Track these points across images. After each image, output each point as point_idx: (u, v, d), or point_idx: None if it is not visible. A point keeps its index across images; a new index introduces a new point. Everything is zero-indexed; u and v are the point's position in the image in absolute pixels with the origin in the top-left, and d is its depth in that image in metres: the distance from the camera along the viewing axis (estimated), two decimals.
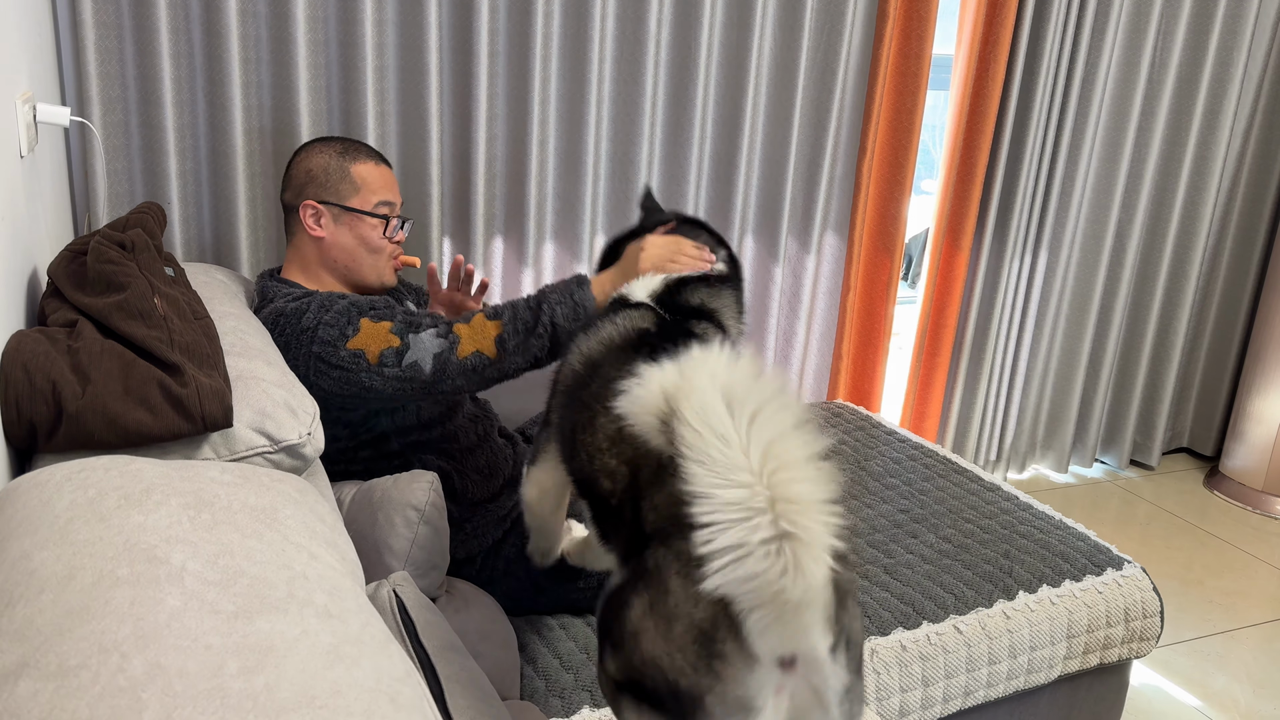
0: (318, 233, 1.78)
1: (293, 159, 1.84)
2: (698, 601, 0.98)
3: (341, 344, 1.58)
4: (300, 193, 1.79)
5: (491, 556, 1.76)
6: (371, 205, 1.80)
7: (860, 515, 2.17)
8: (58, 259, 1.42)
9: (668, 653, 1.00)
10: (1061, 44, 2.96)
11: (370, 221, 1.80)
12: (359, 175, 1.79)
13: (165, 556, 0.85)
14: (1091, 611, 1.96)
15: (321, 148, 1.81)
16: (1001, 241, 3.12)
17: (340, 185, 1.78)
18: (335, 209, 1.78)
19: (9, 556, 0.87)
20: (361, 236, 1.80)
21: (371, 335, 1.59)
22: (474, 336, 1.60)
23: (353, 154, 1.80)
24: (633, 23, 2.44)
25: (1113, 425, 3.65)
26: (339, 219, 1.78)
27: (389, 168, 1.86)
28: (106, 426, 1.15)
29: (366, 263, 1.81)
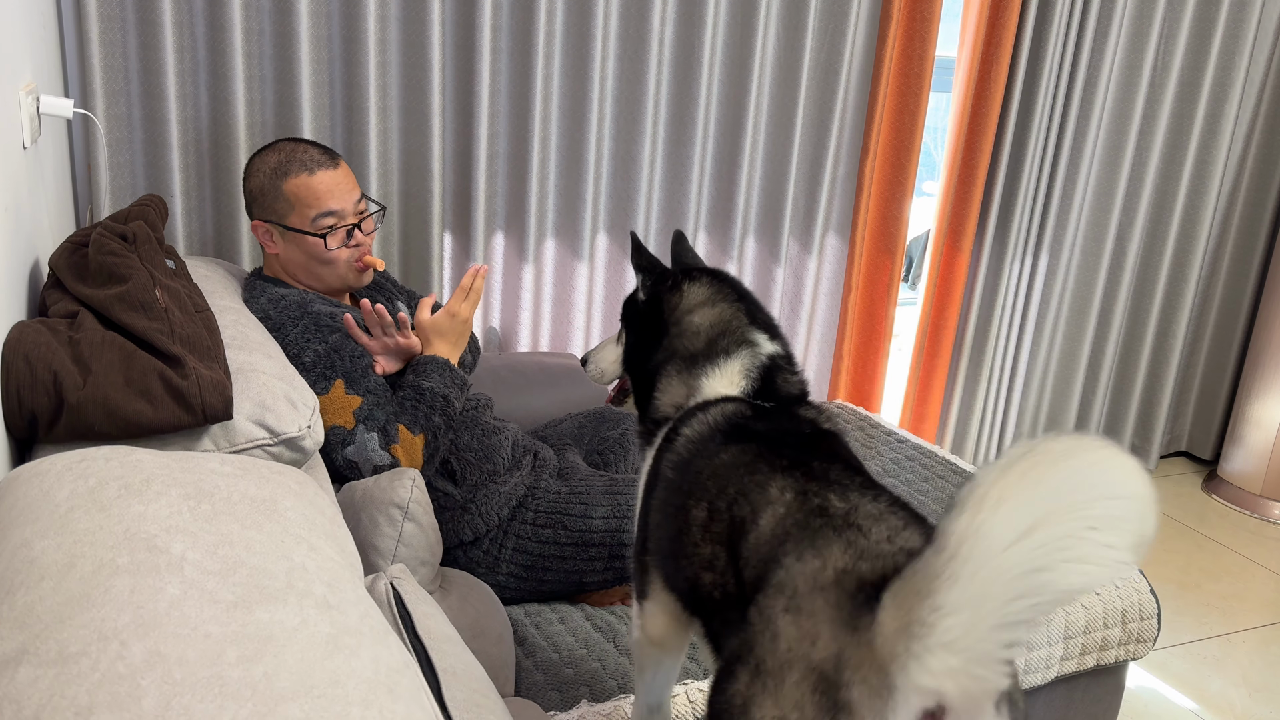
0: (273, 249, 1.83)
1: (245, 170, 1.85)
2: (815, 639, 0.82)
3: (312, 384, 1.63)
4: (252, 208, 1.84)
5: (500, 534, 1.77)
6: (309, 221, 1.78)
7: None
8: (59, 250, 1.42)
9: (781, 716, 0.82)
10: (1064, 47, 2.96)
11: (311, 239, 1.79)
12: (291, 194, 1.78)
13: (165, 546, 0.85)
14: (1088, 613, 1.96)
15: (259, 165, 1.81)
16: (1002, 243, 3.12)
17: (276, 205, 1.79)
18: (279, 228, 1.80)
19: (9, 545, 0.88)
20: (309, 252, 1.80)
21: (336, 405, 1.65)
22: (407, 455, 1.69)
23: (284, 170, 1.78)
24: (636, 20, 2.44)
25: (1111, 428, 3.65)
26: (285, 237, 1.81)
27: (333, 168, 1.80)
28: (107, 417, 1.16)
29: (324, 273, 1.84)
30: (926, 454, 2.48)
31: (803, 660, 0.82)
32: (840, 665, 0.80)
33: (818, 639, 0.82)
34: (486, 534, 1.77)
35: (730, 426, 1.18)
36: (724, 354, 1.29)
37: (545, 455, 1.94)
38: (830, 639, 0.81)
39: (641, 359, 1.35)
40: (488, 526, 1.77)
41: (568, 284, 2.60)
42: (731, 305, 1.33)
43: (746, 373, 1.27)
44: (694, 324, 1.32)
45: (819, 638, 0.82)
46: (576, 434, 2.13)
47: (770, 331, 1.33)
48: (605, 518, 1.77)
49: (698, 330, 1.31)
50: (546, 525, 1.78)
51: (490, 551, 1.76)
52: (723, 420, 1.20)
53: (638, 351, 1.37)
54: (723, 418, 1.20)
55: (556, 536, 1.76)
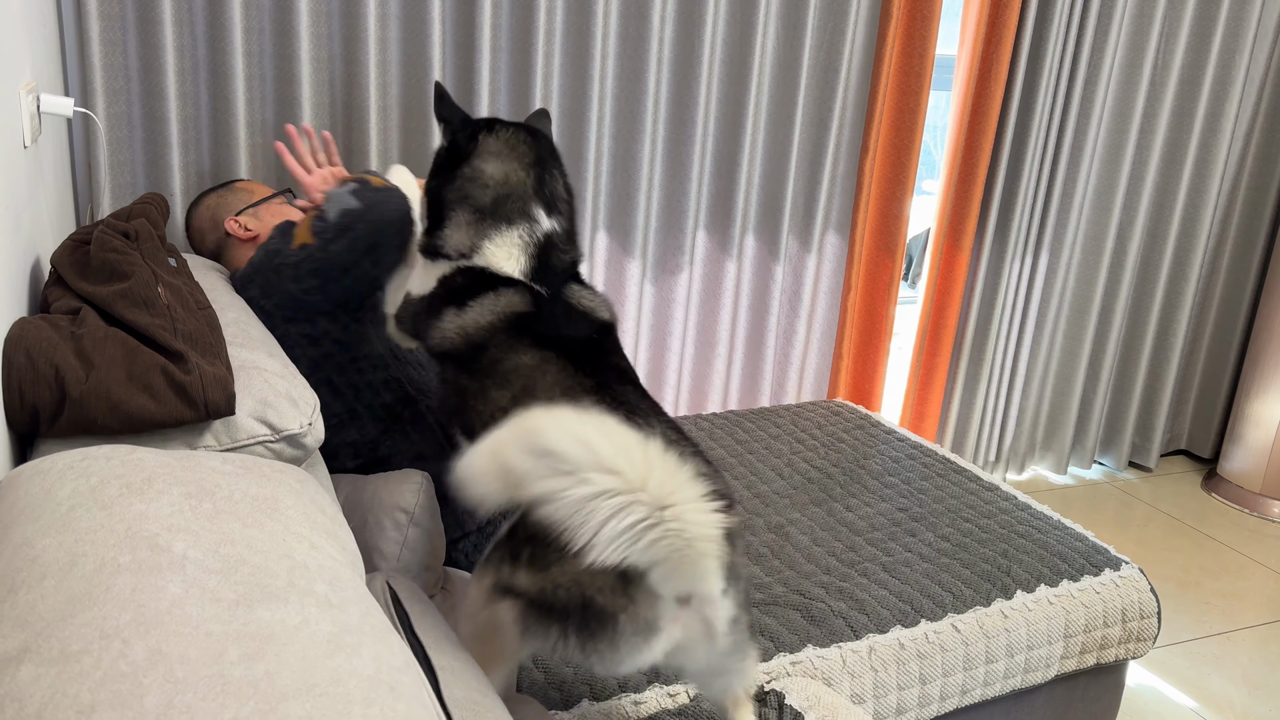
0: (251, 233, 1.92)
1: (188, 226, 2.00)
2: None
3: (286, 247, 1.65)
4: (216, 223, 1.94)
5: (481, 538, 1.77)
6: (266, 195, 1.97)
7: (859, 514, 2.17)
8: (61, 248, 1.42)
9: (590, 575, 1.14)
10: (1064, 45, 2.96)
11: (278, 198, 1.96)
12: (241, 187, 1.98)
13: (167, 545, 0.85)
14: (1089, 612, 1.96)
15: (204, 201, 1.98)
16: (1002, 242, 3.12)
17: (236, 197, 1.96)
18: (249, 210, 1.94)
19: (11, 543, 0.88)
20: (279, 214, 1.94)
21: (303, 226, 1.66)
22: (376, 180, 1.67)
23: (218, 186, 2.00)
24: (636, 19, 2.44)
25: (1112, 427, 3.65)
26: (258, 214, 1.94)
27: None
28: (109, 412, 1.16)
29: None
30: (926, 453, 2.48)
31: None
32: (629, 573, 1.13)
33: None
34: (481, 530, 1.77)
35: (521, 325, 1.35)
36: (506, 221, 1.42)
37: None
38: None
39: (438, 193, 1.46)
40: (475, 522, 1.77)
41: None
42: (523, 169, 1.43)
43: (525, 248, 1.41)
44: (484, 173, 1.43)
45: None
46: None
47: (550, 205, 1.43)
48: None
49: (486, 182, 1.42)
50: None
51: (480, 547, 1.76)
52: (513, 317, 1.36)
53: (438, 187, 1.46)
54: (513, 314, 1.36)
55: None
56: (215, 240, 1.95)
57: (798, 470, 2.35)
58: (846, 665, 1.73)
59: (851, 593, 1.87)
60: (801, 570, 1.94)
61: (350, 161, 2.28)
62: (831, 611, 1.81)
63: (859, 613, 1.82)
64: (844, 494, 2.25)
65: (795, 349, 2.93)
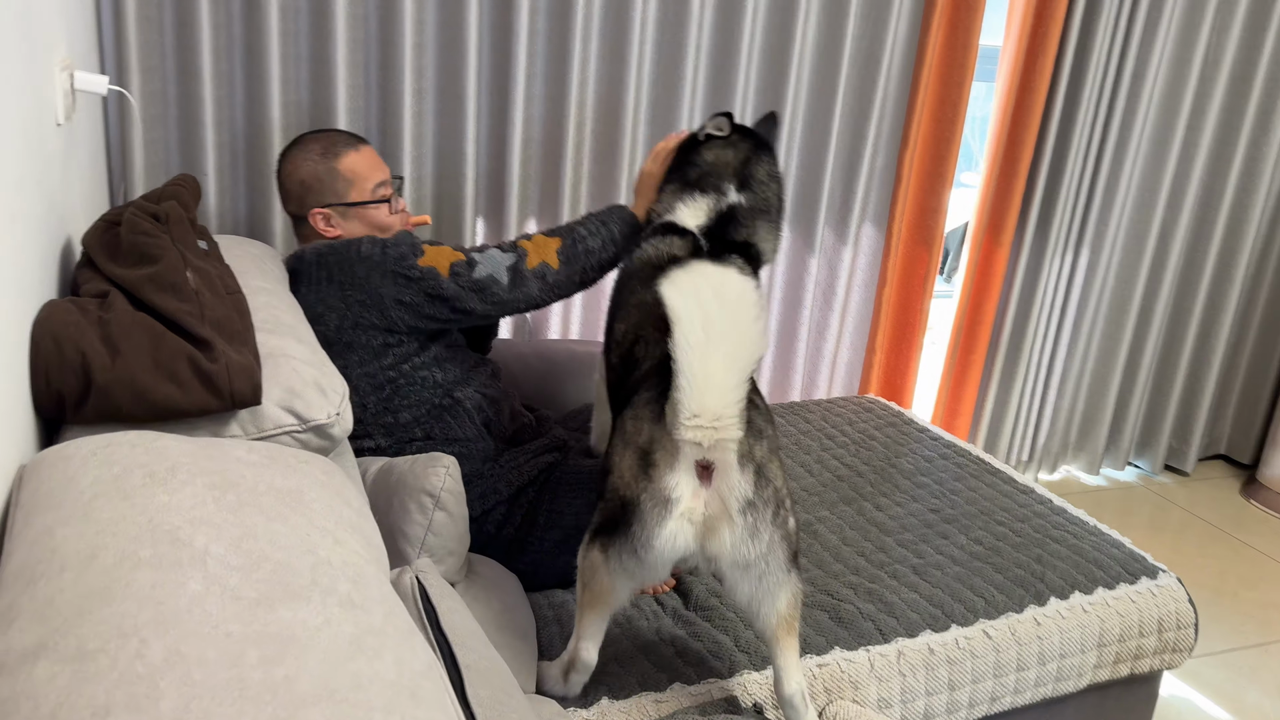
0: (334, 233, 1.86)
1: (281, 171, 1.88)
2: (640, 430, 1.37)
3: (413, 259, 1.69)
4: (302, 203, 1.85)
5: (530, 510, 1.77)
6: (369, 192, 1.86)
7: (889, 514, 2.13)
8: (92, 229, 1.41)
9: (622, 476, 1.37)
10: (1113, 38, 2.89)
11: (374, 206, 1.86)
12: (347, 170, 1.84)
13: (188, 539, 0.83)
14: (1124, 621, 1.91)
15: (303, 155, 1.85)
16: (1043, 238, 3.06)
17: (335, 185, 1.84)
18: (340, 208, 1.84)
19: (32, 532, 0.86)
20: (372, 223, 1.87)
21: (437, 255, 1.71)
22: (538, 250, 1.75)
23: (332, 152, 1.84)
24: (675, 6, 2.40)
25: (1148, 428, 3.58)
26: (347, 215, 1.85)
27: (368, 145, 1.90)
28: (134, 400, 1.14)
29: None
30: (960, 452, 2.43)
31: (634, 442, 1.37)
32: (651, 446, 1.35)
33: (641, 430, 1.37)
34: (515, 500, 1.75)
35: (661, 267, 1.56)
36: (701, 191, 1.72)
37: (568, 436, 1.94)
38: (648, 431, 1.36)
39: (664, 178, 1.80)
40: (523, 480, 1.75)
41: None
42: (734, 155, 1.74)
43: (709, 213, 1.70)
44: (703, 159, 1.75)
45: (642, 429, 1.37)
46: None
47: (746, 183, 1.72)
48: None
49: (697, 164, 1.75)
50: (577, 494, 1.76)
51: (522, 529, 1.75)
52: (658, 258, 1.62)
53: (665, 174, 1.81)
54: (660, 256, 1.62)
55: (591, 504, 1.75)
56: (295, 210, 1.88)
57: (827, 468, 2.32)
58: (874, 669, 1.70)
59: (880, 595, 1.83)
60: (829, 570, 1.91)
61: (384, 146, 2.26)
62: (860, 614, 1.77)
63: (888, 615, 1.78)
64: (874, 493, 2.21)
65: (828, 342, 2.89)
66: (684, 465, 1.33)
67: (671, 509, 1.33)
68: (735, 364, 1.28)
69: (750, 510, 1.35)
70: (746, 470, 1.35)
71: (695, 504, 1.34)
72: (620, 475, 1.37)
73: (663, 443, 1.33)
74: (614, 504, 1.37)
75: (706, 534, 1.35)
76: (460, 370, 1.80)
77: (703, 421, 1.29)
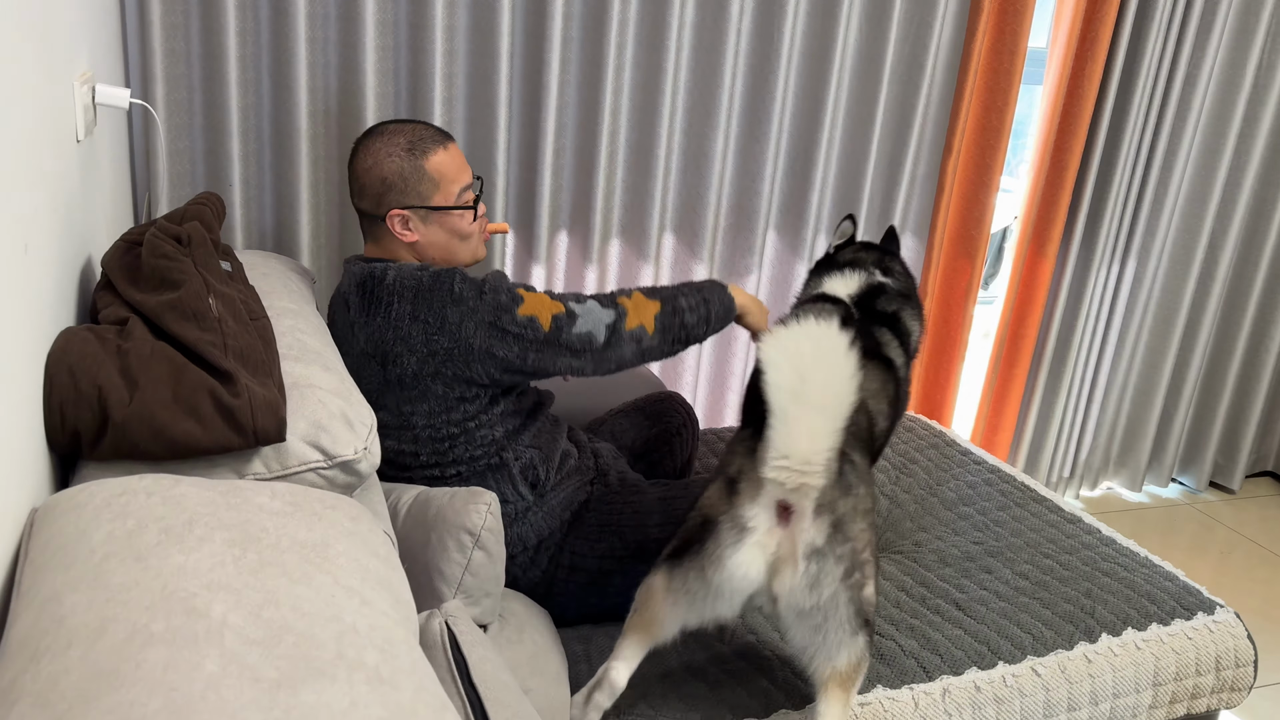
0: (411, 237, 1.71)
1: (358, 163, 1.72)
2: (732, 461, 1.46)
3: (514, 309, 1.58)
4: (380, 201, 1.70)
5: (556, 551, 1.71)
6: (455, 196, 1.73)
7: (930, 547, 2.05)
8: (112, 250, 1.36)
9: (709, 498, 1.46)
10: (1165, 42, 2.79)
11: (458, 213, 1.74)
12: (435, 171, 1.70)
13: (205, 608, 0.77)
14: (1180, 658, 1.83)
15: (388, 150, 1.69)
16: (1089, 248, 2.96)
17: (420, 187, 1.70)
18: (422, 211, 1.71)
19: (40, 595, 0.81)
20: (454, 229, 1.74)
21: (538, 303, 1.60)
22: (638, 311, 1.65)
23: (420, 148, 1.70)
24: (713, 8, 2.33)
25: (1193, 444, 3.47)
26: (428, 219, 1.71)
27: (454, 142, 1.76)
28: (153, 437, 1.09)
29: (460, 250, 1.77)
30: (1004, 478, 2.35)
31: (724, 471, 1.47)
32: (740, 475, 1.42)
33: (734, 460, 1.46)
34: (548, 539, 1.69)
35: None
36: (850, 268, 1.87)
37: (606, 457, 1.87)
38: (739, 462, 1.44)
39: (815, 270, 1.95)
40: (549, 529, 1.69)
41: (632, 285, 2.50)
42: (869, 253, 1.93)
43: (860, 285, 1.84)
44: (843, 256, 1.93)
45: (734, 459, 1.46)
46: (619, 437, 2.05)
47: (886, 271, 1.88)
48: (660, 525, 1.70)
49: (837, 259, 1.93)
50: (601, 539, 1.70)
51: (549, 571, 1.69)
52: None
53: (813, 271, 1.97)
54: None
55: (613, 549, 1.69)
56: (369, 208, 1.71)
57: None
58: (919, 708, 1.63)
59: (923, 631, 1.76)
60: None
61: None
62: (902, 650, 1.70)
63: (931, 653, 1.71)
64: (914, 527, 2.13)
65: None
66: (765, 500, 1.39)
67: (746, 536, 1.39)
68: (827, 414, 1.31)
69: (817, 559, 1.37)
70: (822, 519, 1.38)
71: (769, 540, 1.39)
72: (708, 498, 1.45)
73: (749, 475, 1.40)
74: (694, 523, 1.45)
75: (774, 572, 1.39)
76: (518, 421, 1.69)
77: (789, 464, 1.33)
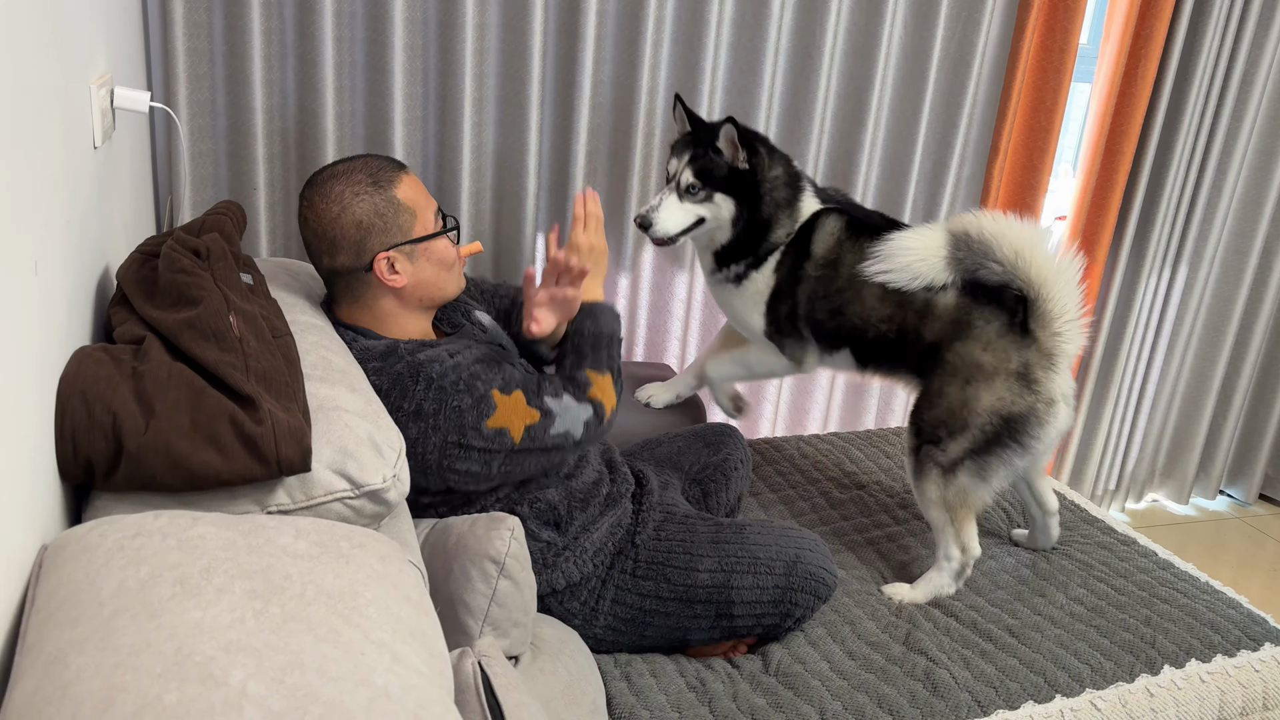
0: (400, 282, 1.51)
1: (320, 215, 1.48)
2: (1010, 357, 1.79)
3: (482, 424, 1.45)
4: (362, 249, 1.48)
5: (598, 585, 1.62)
6: (432, 222, 1.54)
7: (980, 568, 1.96)
8: (127, 263, 1.29)
9: (998, 396, 1.78)
10: (1222, 39, 2.68)
11: (441, 240, 1.55)
12: (407, 200, 1.50)
13: (223, 675, 0.70)
14: (1247, 692, 1.73)
15: (352, 190, 1.48)
16: (1140, 254, 2.85)
17: (399, 220, 1.49)
18: (407, 248, 1.50)
19: (44, 654, 0.74)
20: (440, 260, 1.55)
21: (511, 410, 1.47)
22: (605, 394, 1.59)
23: (383, 179, 1.49)
24: (753, 5, 2.24)
25: (1242, 455, 3.36)
26: (414, 256, 1.51)
27: (406, 167, 1.57)
28: (170, 468, 1.02)
29: (449, 282, 1.58)
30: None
31: (1005, 369, 1.79)
32: (1029, 366, 1.79)
33: (1011, 357, 1.79)
34: (583, 582, 1.61)
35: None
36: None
37: (650, 484, 1.77)
38: (1019, 357, 1.79)
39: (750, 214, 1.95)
40: (582, 574, 1.61)
41: (665, 292, 2.42)
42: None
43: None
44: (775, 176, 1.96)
45: (1012, 356, 1.79)
46: (675, 459, 1.95)
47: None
48: (712, 571, 1.60)
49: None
50: (648, 577, 1.61)
51: (588, 603, 1.61)
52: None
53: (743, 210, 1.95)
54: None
55: (659, 590, 1.60)
56: (350, 262, 1.50)
57: (914, 511, 2.15)
58: None
59: (975, 661, 1.67)
60: (921, 628, 1.75)
61: (442, 157, 2.13)
62: (955, 681, 1.61)
63: (985, 684, 1.62)
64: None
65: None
66: (1063, 366, 1.81)
67: (1056, 409, 1.80)
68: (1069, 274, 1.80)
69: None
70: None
71: (1066, 409, 1.83)
72: (996, 398, 1.78)
73: (1037, 359, 1.79)
74: (989, 424, 1.78)
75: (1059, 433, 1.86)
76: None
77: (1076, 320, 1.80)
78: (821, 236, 1.92)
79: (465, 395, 1.43)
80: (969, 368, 1.79)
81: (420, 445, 1.43)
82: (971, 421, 1.78)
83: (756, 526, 1.68)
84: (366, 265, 1.49)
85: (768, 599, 1.61)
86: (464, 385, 1.44)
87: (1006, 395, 1.77)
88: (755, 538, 1.65)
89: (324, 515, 1.11)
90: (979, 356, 1.79)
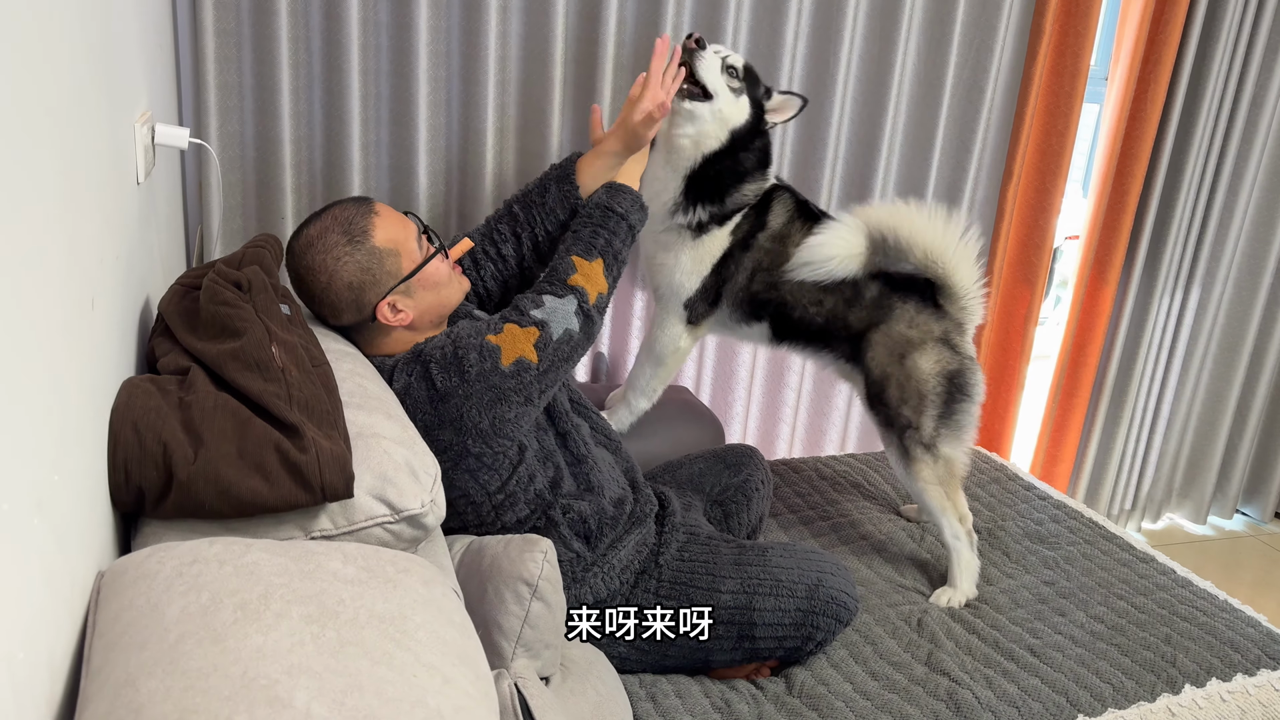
0: (406, 318, 1.57)
1: (310, 286, 1.55)
2: (932, 328, 1.97)
3: (499, 366, 1.50)
4: (361, 305, 1.54)
5: (622, 605, 1.64)
6: (417, 250, 1.58)
7: (1000, 586, 1.98)
8: (169, 295, 1.33)
9: (934, 359, 1.95)
10: (1231, 62, 2.71)
11: (432, 263, 1.59)
12: (388, 243, 1.54)
13: (288, 696, 0.73)
14: (1268, 712, 1.75)
15: (332, 254, 1.52)
16: (1152, 275, 2.88)
17: (387, 266, 1.54)
18: (403, 286, 1.55)
19: (113, 678, 0.77)
20: (436, 282, 1.59)
21: (512, 341, 1.52)
22: (591, 282, 1.61)
23: (358, 232, 1.53)
24: (768, 32, 2.28)
25: (1258, 474, 3.37)
26: (411, 291, 1.56)
27: (374, 201, 1.60)
28: (218, 496, 1.05)
29: (451, 294, 1.63)
30: (1071, 514, 2.27)
31: (930, 332, 1.96)
32: (945, 331, 1.97)
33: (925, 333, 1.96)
34: (608, 600, 1.63)
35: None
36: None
37: (673, 506, 1.80)
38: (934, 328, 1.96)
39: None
40: (609, 591, 1.63)
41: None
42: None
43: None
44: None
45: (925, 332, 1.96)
46: (697, 480, 1.98)
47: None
48: (734, 592, 1.62)
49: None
50: (671, 597, 1.64)
51: (608, 632, 1.63)
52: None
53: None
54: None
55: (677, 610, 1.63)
56: (354, 319, 1.56)
57: (930, 531, 2.17)
58: None
59: (997, 681, 1.69)
60: (943, 648, 1.77)
61: (465, 187, 2.17)
62: (978, 701, 1.63)
63: (1008, 705, 1.64)
64: (983, 562, 2.06)
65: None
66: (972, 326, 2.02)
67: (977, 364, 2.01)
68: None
69: None
70: None
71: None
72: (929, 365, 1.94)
73: (953, 326, 1.97)
74: (941, 388, 1.93)
75: None
76: (553, 471, 1.63)
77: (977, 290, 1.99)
78: (777, 211, 2.01)
79: (470, 353, 1.49)
80: (900, 344, 1.95)
81: (467, 419, 1.49)
82: (925, 389, 1.93)
83: (779, 549, 1.70)
84: (370, 317, 1.56)
85: (789, 621, 1.63)
86: (464, 347, 1.50)
87: (940, 357, 1.93)
88: (778, 560, 1.67)
89: (365, 540, 1.14)
90: (906, 332, 1.95)
